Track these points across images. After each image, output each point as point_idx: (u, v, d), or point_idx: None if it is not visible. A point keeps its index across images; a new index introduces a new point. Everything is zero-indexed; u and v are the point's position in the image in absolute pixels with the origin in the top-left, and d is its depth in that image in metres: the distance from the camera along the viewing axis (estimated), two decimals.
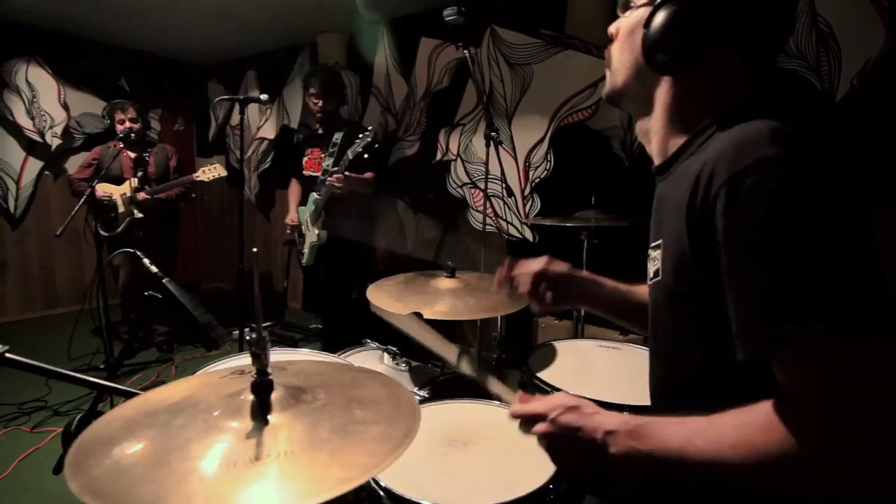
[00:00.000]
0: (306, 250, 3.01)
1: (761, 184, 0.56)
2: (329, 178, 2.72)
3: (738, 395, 0.64)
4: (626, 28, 0.77)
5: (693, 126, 0.73)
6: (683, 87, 0.73)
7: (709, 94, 0.71)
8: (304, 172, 3.04)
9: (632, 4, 0.77)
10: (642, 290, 1.05)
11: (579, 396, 1.26)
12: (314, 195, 2.92)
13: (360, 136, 2.64)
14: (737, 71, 0.71)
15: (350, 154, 2.68)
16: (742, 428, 0.59)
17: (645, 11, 0.72)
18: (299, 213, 3.08)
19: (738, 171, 0.58)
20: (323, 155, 2.96)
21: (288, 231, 3.16)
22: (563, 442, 0.70)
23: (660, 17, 0.68)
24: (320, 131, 3.05)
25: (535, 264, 1.07)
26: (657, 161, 0.80)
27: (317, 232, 2.92)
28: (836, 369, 0.54)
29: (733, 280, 0.59)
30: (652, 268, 0.77)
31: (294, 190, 3.21)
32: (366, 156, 2.69)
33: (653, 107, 0.77)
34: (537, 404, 0.74)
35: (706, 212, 0.61)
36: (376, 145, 2.66)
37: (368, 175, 2.86)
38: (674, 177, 0.74)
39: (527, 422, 0.75)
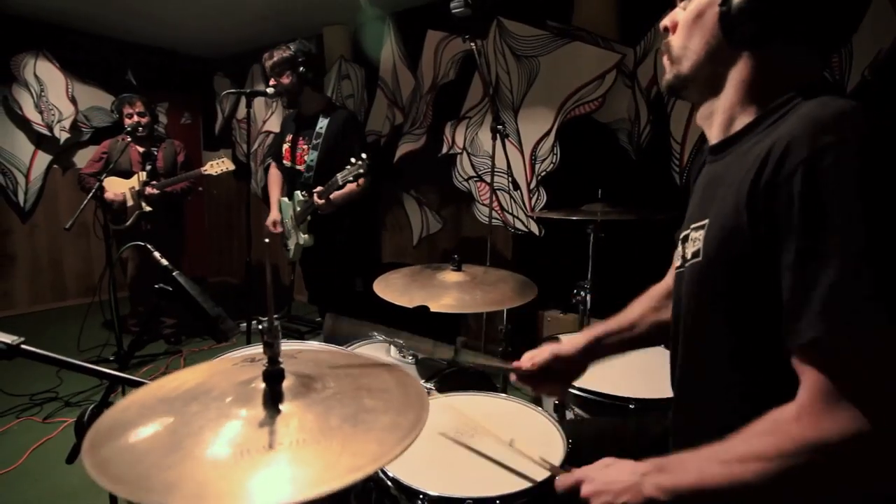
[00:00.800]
0: (291, 247, 2.89)
1: (841, 165, 0.55)
2: (315, 201, 2.56)
3: (764, 384, 0.64)
4: (692, 12, 0.77)
5: (766, 103, 0.72)
6: (762, 63, 0.72)
7: (786, 73, 0.71)
8: (285, 162, 2.84)
9: None
10: (644, 318, 1.06)
11: (585, 390, 1.27)
12: (299, 195, 2.73)
13: (353, 163, 2.40)
14: (810, 52, 0.71)
15: (340, 180, 2.46)
16: (748, 440, 0.59)
17: None
18: (283, 206, 2.90)
19: (817, 151, 0.57)
20: (305, 147, 2.74)
21: (270, 228, 2.97)
22: (606, 496, 0.72)
23: None
24: (300, 115, 2.81)
25: (543, 355, 1.09)
26: (715, 141, 0.80)
27: (303, 235, 2.78)
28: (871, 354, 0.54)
29: (802, 262, 0.57)
30: (690, 249, 0.76)
31: (274, 178, 3.02)
32: (357, 184, 2.53)
33: (723, 87, 0.76)
34: (576, 472, 0.79)
35: (775, 187, 0.60)
36: (368, 177, 2.47)
37: (353, 186, 2.58)
38: (736, 154, 0.74)
39: (573, 491, 0.78)
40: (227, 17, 4.01)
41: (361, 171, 2.39)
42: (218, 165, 3.36)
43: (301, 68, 2.64)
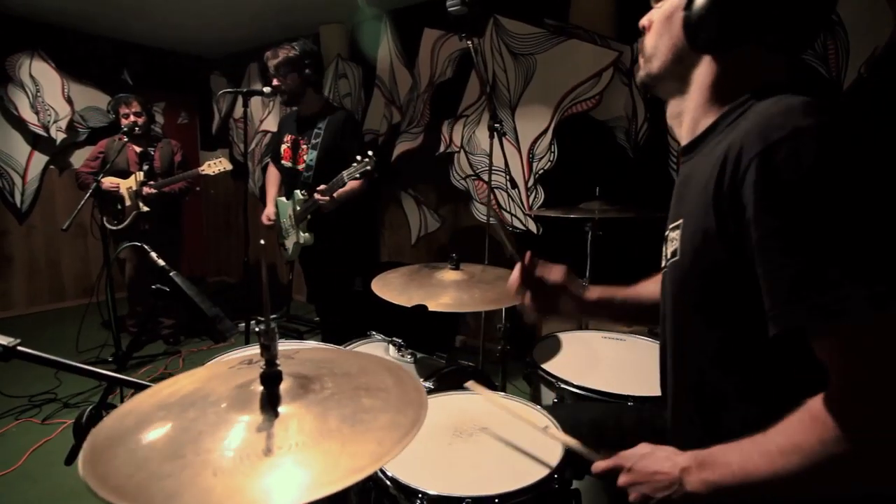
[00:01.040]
0: (289, 246, 2.88)
1: (797, 154, 0.56)
2: (318, 199, 2.55)
3: (753, 381, 0.64)
4: (663, 14, 0.79)
5: (727, 104, 0.74)
6: (722, 66, 0.74)
7: (746, 75, 0.73)
8: (283, 162, 2.81)
9: None
10: (646, 290, 1.05)
11: (585, 388, 1.27)
12: (298, 195, 2.72)
13: (359, 160, 2.38)
14: (773, 54, 0.72)
15: (346, 177, 2.45)
16: (787, 430, 0.58)
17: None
18: (280, 206, 2.89)
19: (771, 144, 0.58)
20: (305, 147, 2.73)
21: (265, 221, 2.95)
22: (646, 488, 0.71)
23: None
24: (299, 115, 2.79)
25: (556, 274, 1.08)
26: (685, 141, 0.81)
27: (302, 234, 2.77)
28: (879, 338, 0.54)
29: (767, 254, 0.58)
30: (669, 248, 0.78)
31: (272, 177, 3.02)
32: (362, 180, 2.50)
33: (689, 88, 0.79)
34: (615, 458, 0.78)
35: (735, 186, 0.62)
36: (376, 175, 2.43)
37: (355, 184, 2.57)
38: (701, 155, 0.75)
39: (610, 476, 0.78)
40: (224, 17, 4.00)
41: (369, 167, 2.38)
42: (215, 165, 3.35)
43: (306, 70, 2.64)
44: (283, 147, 2.82)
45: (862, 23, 2.12)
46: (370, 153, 2.39)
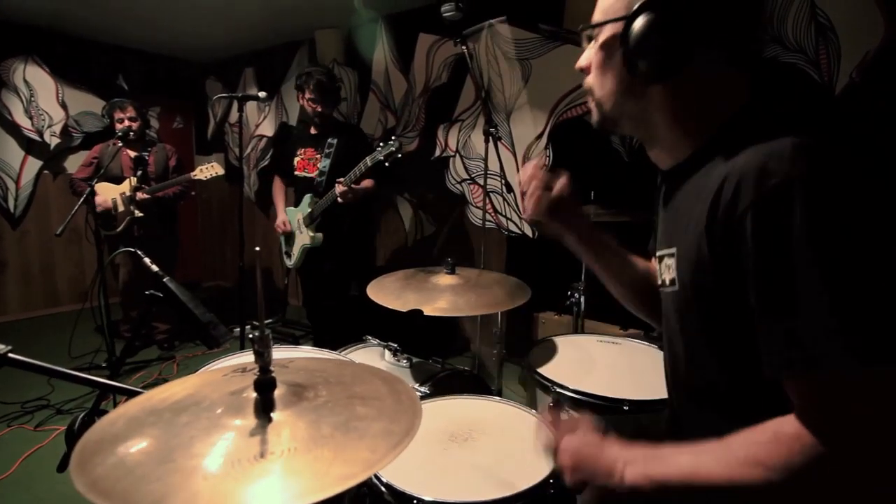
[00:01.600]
0: (296, 252, 2.96)
1: (790, 204, 0.56)
2: (337, 191, 2.65)
3: (759, 399, 0.65)
4: (600, 55, 0.76)
5: (699, 133, 0.73)
6: (677, 93, 0.72)
7: (707, 94, 0.71)
8: (297, 173, 2.96)
9: (595, 33, 0.77)
10: (639, 262, 1.05)
11: (581, 392, 1.27)
12: (309, 197, 2.86)
13: (383, 144, 2.47)
14: (725, 67, 0.70)
15: (369, 161, 2.53)
16: (750, 446, 0.60)
17: (614, 35, 0.72)
18: (288, 214, 3.00)
19: (766, 191, 0.58)
20: (318, 156, 2.89)
21: (280, 228, 3.04)
22: (583, 473, 0.73)
23: (637, 28, 0.68)
24: (313, 131, 2.97)
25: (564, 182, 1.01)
26: (665, 166, 0.81)
27: (311, 234, 2.87)
28: (856, 392, 0.55)
29: (760, 302, 0.59)
30: (667, 276, 0.78)
31: (279, 189, 3.13)
32: (386, 164, 2.53)
33: (652, 120, 0.76)
34: (561, 436, 0.79)
35: (731, 229, 0.61)
36: (399, 155, 2.48)
37: (369, 183, 2.78)
38: (690, 185, 0.74)
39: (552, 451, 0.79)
40: (220, 21, 4.00)
41: (393, 148, 2.45)
42: (207, 170, 3.34)
43: (337, 102, 2.91)
44: (297, 159, 2.96)
45: (853, 27, 2.14)
46: (394, 137, 2.50)
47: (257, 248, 0.74)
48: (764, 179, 0.58)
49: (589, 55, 0.79)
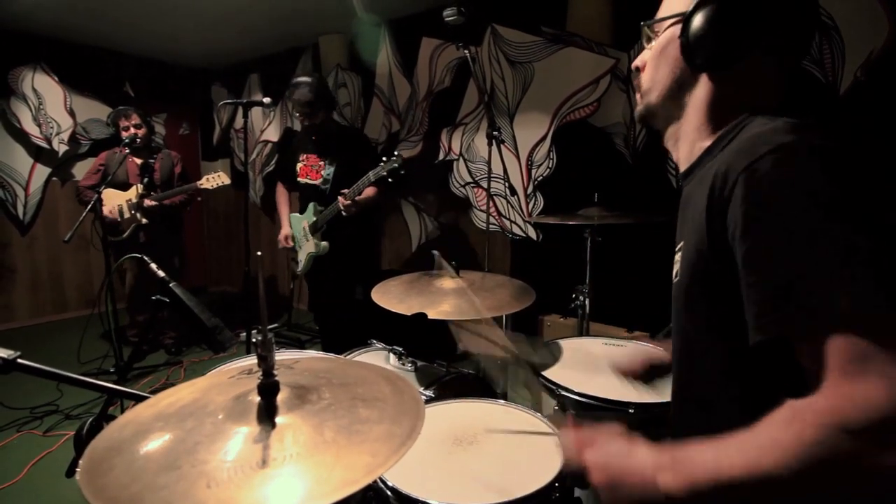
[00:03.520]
0: (302, 259, 2.97)
1: (780, 164, 0.57)
2: (340, 205, 2.64)
3: (756, 399, 0.64)
4: (657, 48, 0.80)
5: (721, 127, 0.75)
6: (720, 85, 0.75)
7: (743, 93, 0.74)
8: (300, 179, 2.94)
9: (655, 31, 0.81)
10: None
11: (586, 396, 1.26)
12: (314, 206, 2.85)
13: (386, 159, 2.48)
14: (767, 73, 0.73)
15: (372, 177, 2.53)
16: (767, 429, 0.57)
17: (674, 31, 0.76)
18: (293, 221, 3.00)
19: (755, 159, 0.59)
20: (321, 162, 2.87)
21: (283, 243, 3.05)
22: (617, 491, 0.68)
23: (699, 18, 0.71)
24: (315, 137, 2.94)
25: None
26: (683, 167, 0.82)
27: (316, 242, 2.87)
28: (863, 341, 0.53)
29: (751, 263, 0.59)
30: (676, 269, 0.79)
31: (282, 196, 3.13)
32: (389, 179, 2.53)
33: (685, 112, 0.80)
34: (586, 449, 0.73)
35: (724, 205, 0.63)
36: (402, 172, 2.48)
37: (372, 191, 2.71)
38: (697, 179, 0.76)
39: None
40: (224, 28, 4.03)
41: (396, 164, 2.46)
42: (214, 179, 3.37)
43: (330, 107, 2.89)
44: (300, 165, 2.94)
45: (857, 26, 2.13)
46: (396, 153, 2.51)
47: (259, 253, 0.75)
48: (754, 150, 0.60)
49: (645, 56, 0.83)
